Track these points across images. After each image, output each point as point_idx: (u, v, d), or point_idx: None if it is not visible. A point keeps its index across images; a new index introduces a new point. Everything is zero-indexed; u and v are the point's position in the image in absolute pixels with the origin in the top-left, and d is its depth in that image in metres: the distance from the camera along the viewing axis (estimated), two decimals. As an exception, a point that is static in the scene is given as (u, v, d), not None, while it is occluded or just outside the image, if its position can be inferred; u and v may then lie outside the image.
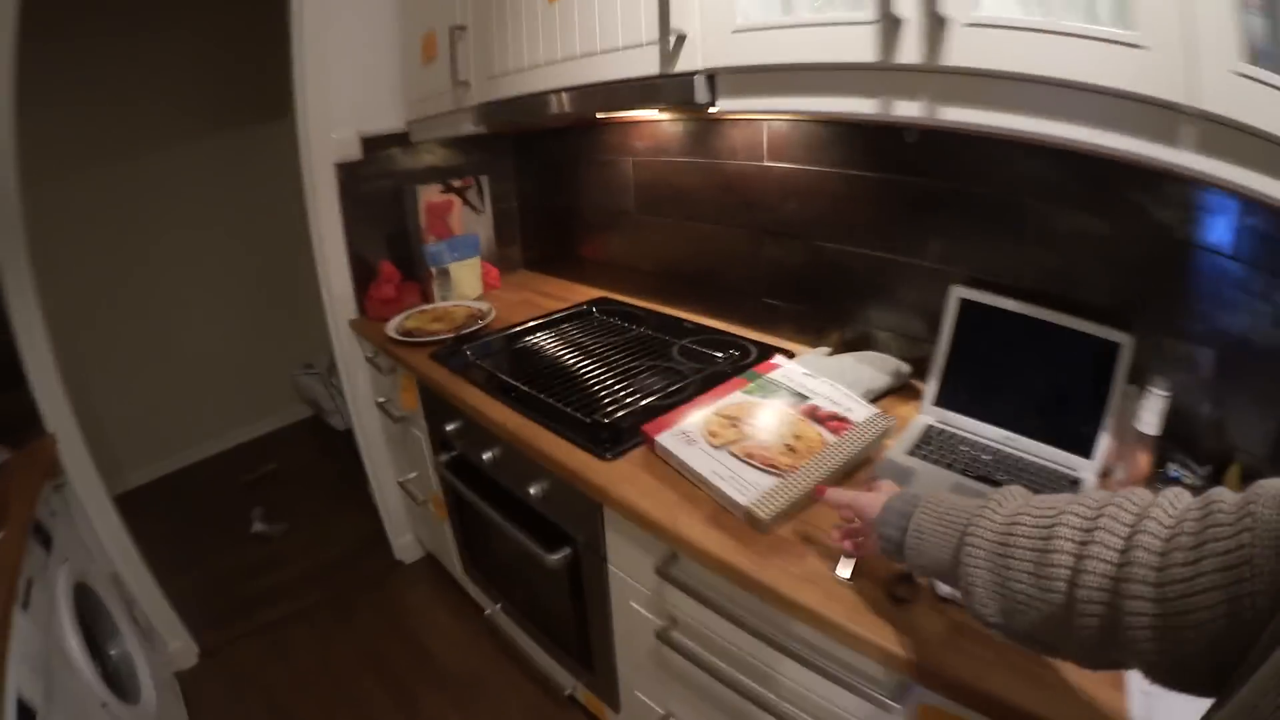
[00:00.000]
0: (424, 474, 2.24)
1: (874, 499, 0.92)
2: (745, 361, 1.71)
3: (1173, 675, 0.57)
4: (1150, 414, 1.20)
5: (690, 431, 1.39)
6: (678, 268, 2.04)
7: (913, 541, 0.82)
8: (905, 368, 1.62)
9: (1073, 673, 0.87)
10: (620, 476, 1.35)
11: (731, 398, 1.50)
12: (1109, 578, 0.58)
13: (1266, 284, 1.16)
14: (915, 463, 1.36)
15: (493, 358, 1.85)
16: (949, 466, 1.34)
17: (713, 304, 1.99)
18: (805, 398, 1.49)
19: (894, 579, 1.05)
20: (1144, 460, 1.23)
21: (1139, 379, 1.26)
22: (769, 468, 1.29)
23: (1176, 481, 1.23)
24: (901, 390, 1.61)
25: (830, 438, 1.37)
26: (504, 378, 1.73)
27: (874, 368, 1.61)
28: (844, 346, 1.73)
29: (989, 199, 1.43)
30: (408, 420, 2.19)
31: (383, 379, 2.25)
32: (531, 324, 2.02)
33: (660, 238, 2.05)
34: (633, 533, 1.36)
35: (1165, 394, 1.18)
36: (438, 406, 1.86)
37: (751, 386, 1.52)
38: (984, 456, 1.37)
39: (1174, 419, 1.21)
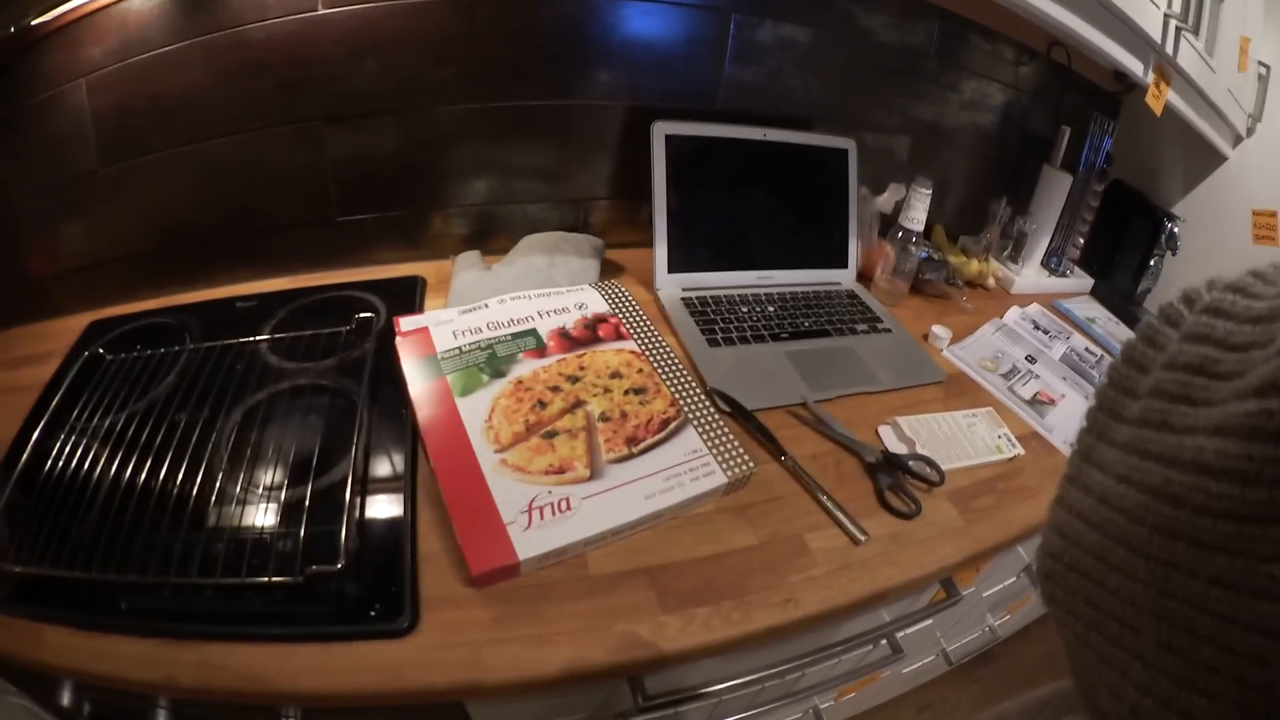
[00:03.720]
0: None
1: None
2: (376, 327, 1.08)
3: None
4: (919, 211, 1.21)
5: (541, 498, 0.78)
6: (192, 224, 1.19)
7: None
8: (597, 241, 1.25)
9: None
10: (454, 640, 0.70)
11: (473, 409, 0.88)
12: None
13: (955, 76, 1.35)
14: (724, 354, 1.09)
15: (34, 542, 0.77)
16: (757, 339, 1.13)
17: (260, 256, 1.22)
18: (530, 331, 0.99)
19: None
20: (892, 252, 1.26)
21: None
22: (662, 428, 0.88)
23: (928, 259, 1.32)
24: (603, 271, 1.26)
25: (628, 345, 1.00)
26: (81, 575, 0.74)
27: (566, 254, 1.20)
28: (467, 244, 1.27)
29: (668, 11, 1.16)
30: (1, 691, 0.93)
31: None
32: (34, 432, 0.95)
33: (153, 190, 1.15)
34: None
35: (929, 190, 1.20)
36: (22, 673, 0.80)
37: (454, 379, 0.91)
38: (770, 309, 1.20)
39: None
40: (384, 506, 0.82)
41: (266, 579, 0.74)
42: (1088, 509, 0.28)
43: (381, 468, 0.86)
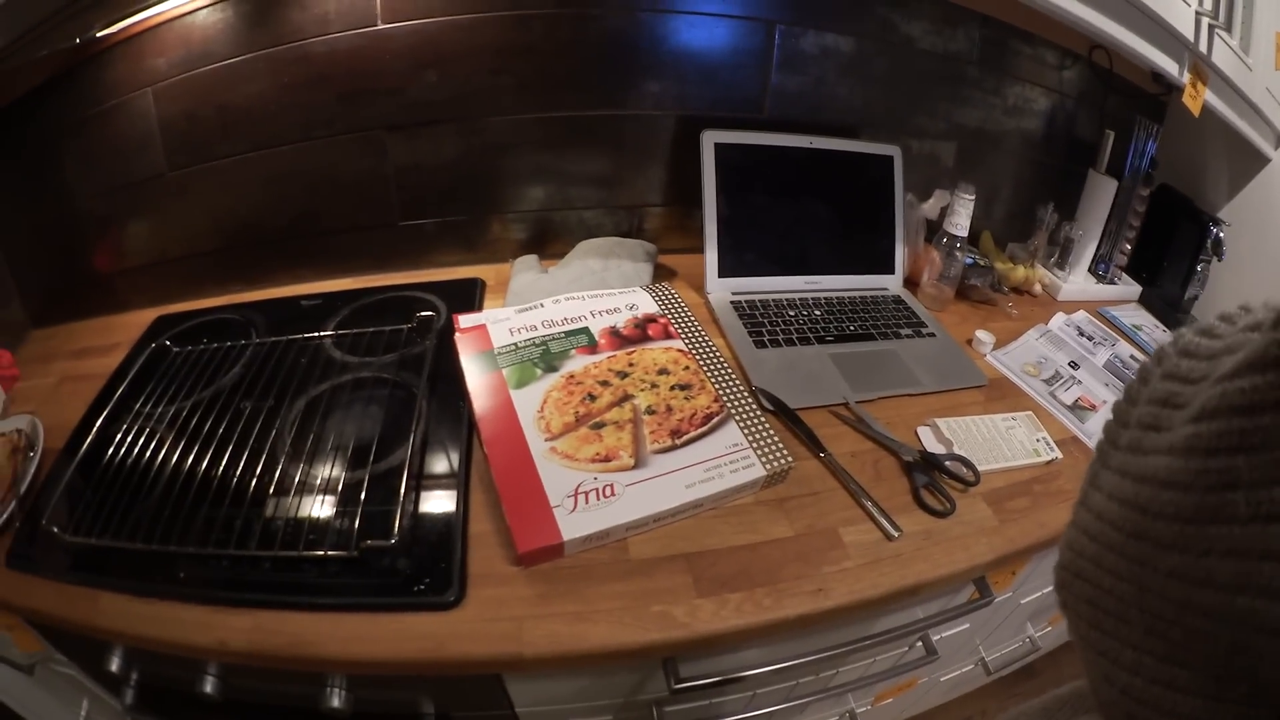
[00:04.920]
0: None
1: None
2: (436, 325, 1.13)
3: None
4: (963, 217, 1.21)
5: (586, 484, 0.81)
6: (257, 225, 1.26)
7: None
8: (650, 246, 1.29)
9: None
10: (497, 615, 0.73)
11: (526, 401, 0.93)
12: None
13: (998, 82, 1.34)
14: (769, 355, 1.12)
15: (94, 516, 0.84)
16: (803, 341, 1.15)
17: (323, 257, 1.30)
18: (583, 330, 1.04)
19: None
20: (938, 258, 1.27)
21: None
22: (705, 422, 0.91)
23: (974, 265, 1.33)
24: (655, 275, 1.29)
25: (676, 344, 1.04)
26: (142, 546, 0.80)
27: (620, 258, 1.24)
28: (525, 248, 1.32)
29: (715, 23, 1.19)
30: (47, 661, 1.00)
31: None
32: (99, 418, 0.99)
33: (219, 193, 1.22)
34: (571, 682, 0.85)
35: (971, 196, 1.20)
36: (74, 640, 0.87)
37: (509, 373, 0.96)
38: (816, 312, 1.22)
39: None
40: (438, 489, 0.85)
41: (323, 552, 0.77)
42: (1089, 524, 0.32)
43: (438, 453, 0.91)
